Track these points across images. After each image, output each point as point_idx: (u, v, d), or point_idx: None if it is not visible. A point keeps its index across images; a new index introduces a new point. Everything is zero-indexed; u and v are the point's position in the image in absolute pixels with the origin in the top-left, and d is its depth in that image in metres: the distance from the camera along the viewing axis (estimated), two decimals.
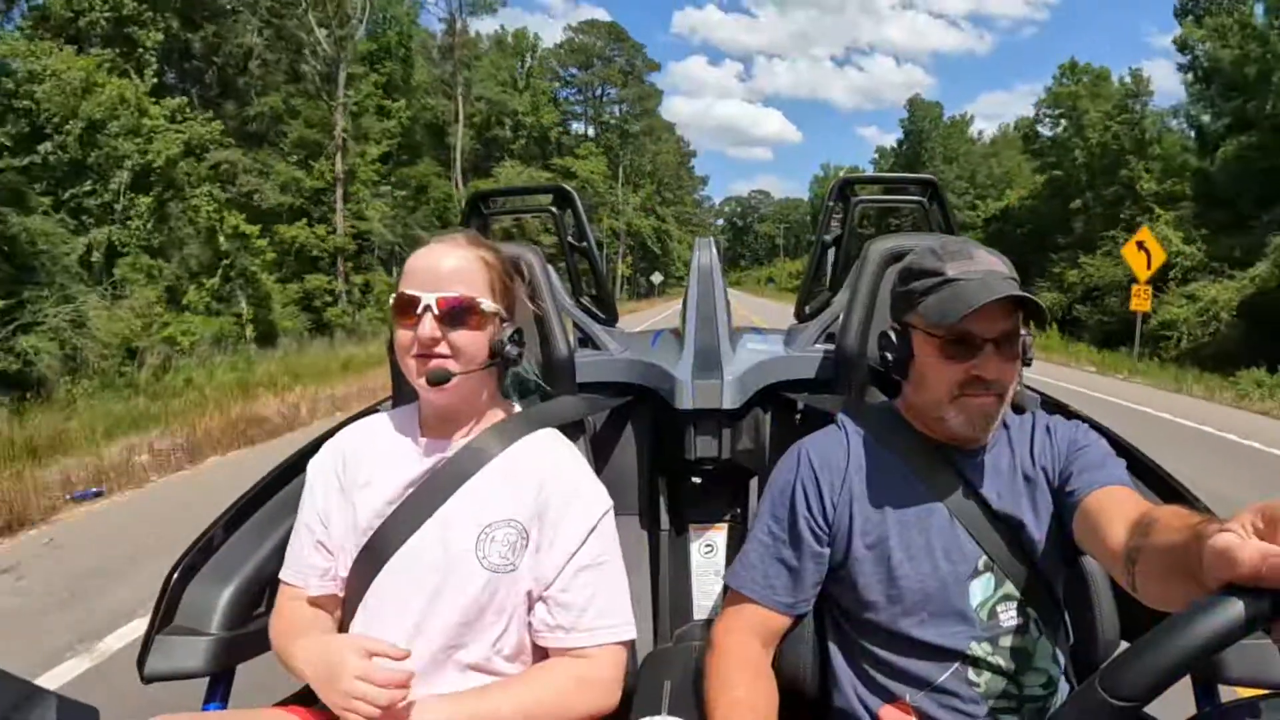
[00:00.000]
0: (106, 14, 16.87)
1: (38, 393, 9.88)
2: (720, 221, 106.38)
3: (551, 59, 46.36)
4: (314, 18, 21.20)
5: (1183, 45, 23.16)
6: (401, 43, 25.31)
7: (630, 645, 1.18)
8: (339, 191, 21.57)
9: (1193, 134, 23.35)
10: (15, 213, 12.31)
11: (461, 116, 32.52)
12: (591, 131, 49.59)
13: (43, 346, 11.25)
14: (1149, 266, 12.91)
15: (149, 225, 15.23)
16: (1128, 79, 27.26)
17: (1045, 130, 29.79)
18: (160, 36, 17.86)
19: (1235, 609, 0.57)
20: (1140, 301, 14.67)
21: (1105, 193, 25.09)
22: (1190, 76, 23.02)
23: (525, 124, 39.48)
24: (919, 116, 59.11)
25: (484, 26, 34.98)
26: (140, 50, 17.23)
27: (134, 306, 13.71)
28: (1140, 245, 13.09)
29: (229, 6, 19.55)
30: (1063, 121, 28.96)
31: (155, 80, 16.86)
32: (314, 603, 1.17)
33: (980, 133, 55.41)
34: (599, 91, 50.37)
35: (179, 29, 18.78)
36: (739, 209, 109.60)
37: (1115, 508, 0.98)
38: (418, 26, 29.15)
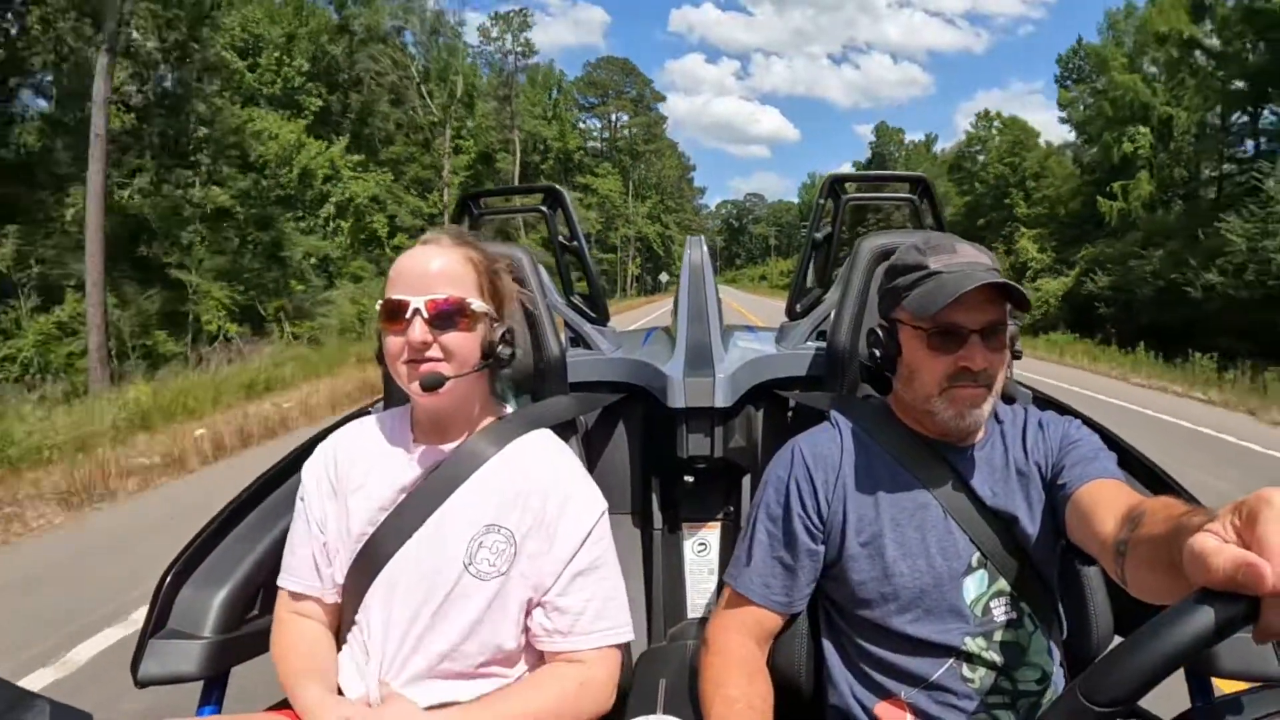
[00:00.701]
0: (280, 87, 21.99)
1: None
2: (717, 223, 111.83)
3: (574, 90, 49.46)
4: (429, 92, 27.37)
5: (1061, 104, 28.80)
6: (468, 92, 29.95)
7: (626, 646, 1.06)
8: (445, 216, 26.01)
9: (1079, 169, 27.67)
10: (282, 230, 18.44)
11: (519, 153, 36.16)
12: (605, 148, 52.58)
13: (345, 310, 17.34)
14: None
15: (348, 240, 21.60)
16: (1031, 123, 32.96)
17: (966, 164, 35.45)
18: (320, 103, 22.94)
19: (1211, 614, 0.53)
20: None
21: (995, 215, 30.87)
22: (1068, 127, 29.01)
23: (553, 149, 42.01)
24: (884, 141, 63.95)
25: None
26: (305, 112, 22.11)
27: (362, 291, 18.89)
28: None
29: (362, 79, 24.78)
30: (979, 158, 34.73)
31: (345, 144, 22.32)
32: (315, 613, 1.03)
33: (943, 149, 59.28)
34: (614, 119, 53.63)
35: (326, 95, 23.84)
36: (734, 211, 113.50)
37: (1106, 500, 0.89)
38: (478, 76, 34.56)
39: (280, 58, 21.80)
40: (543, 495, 0.99)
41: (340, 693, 0.98)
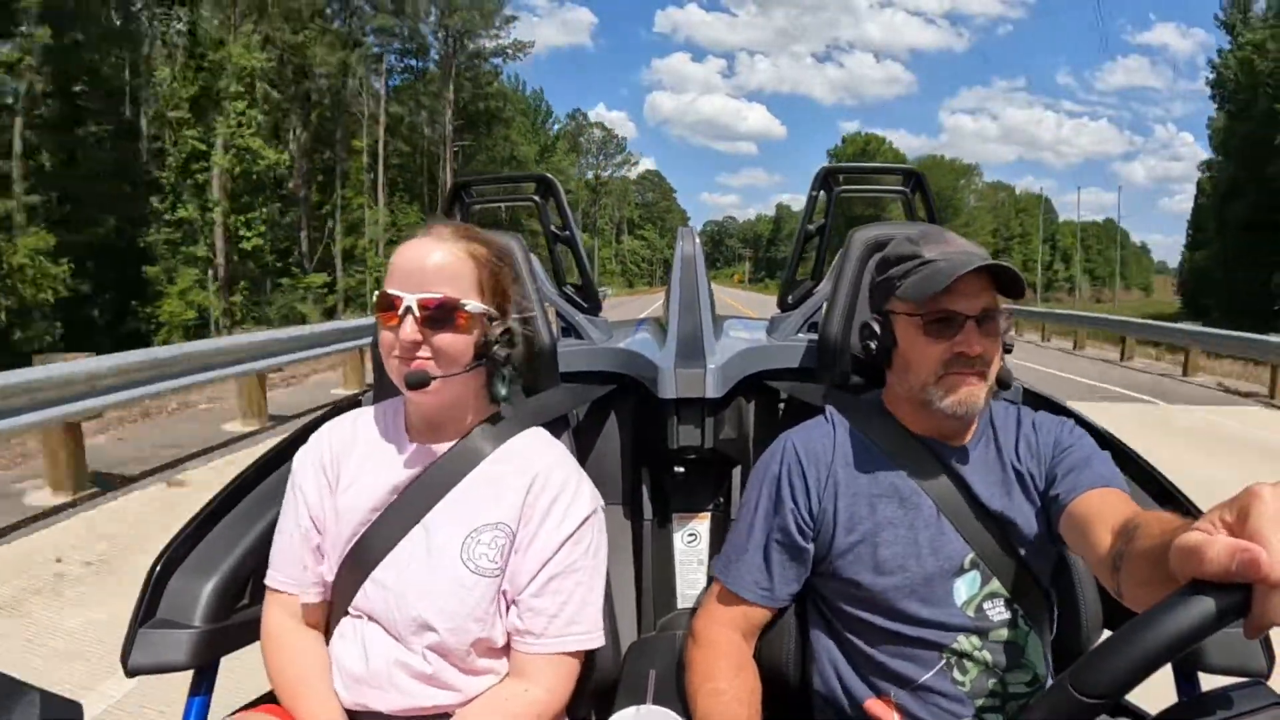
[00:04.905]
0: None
1: None
2: (704, 238, 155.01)
3: (633, 187, 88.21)
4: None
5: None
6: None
7: (614, 635, 1.07)
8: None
9: None
10: None
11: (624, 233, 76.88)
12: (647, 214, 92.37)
13: None
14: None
15: None
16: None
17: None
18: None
19: (1205, 606, 0.52)
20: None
21: None
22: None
23: (624, 216, 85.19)
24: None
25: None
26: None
27: None
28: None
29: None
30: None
31: None
32: (307, 614, 0.99)
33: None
34: (651, 201, 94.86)
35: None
36: (715, 229, 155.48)
37: (1101, 513, 0.86)
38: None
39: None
40: (534, 494, 0.96)
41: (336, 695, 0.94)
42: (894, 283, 1.02)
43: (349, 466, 1.00)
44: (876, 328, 1.04)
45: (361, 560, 0.96)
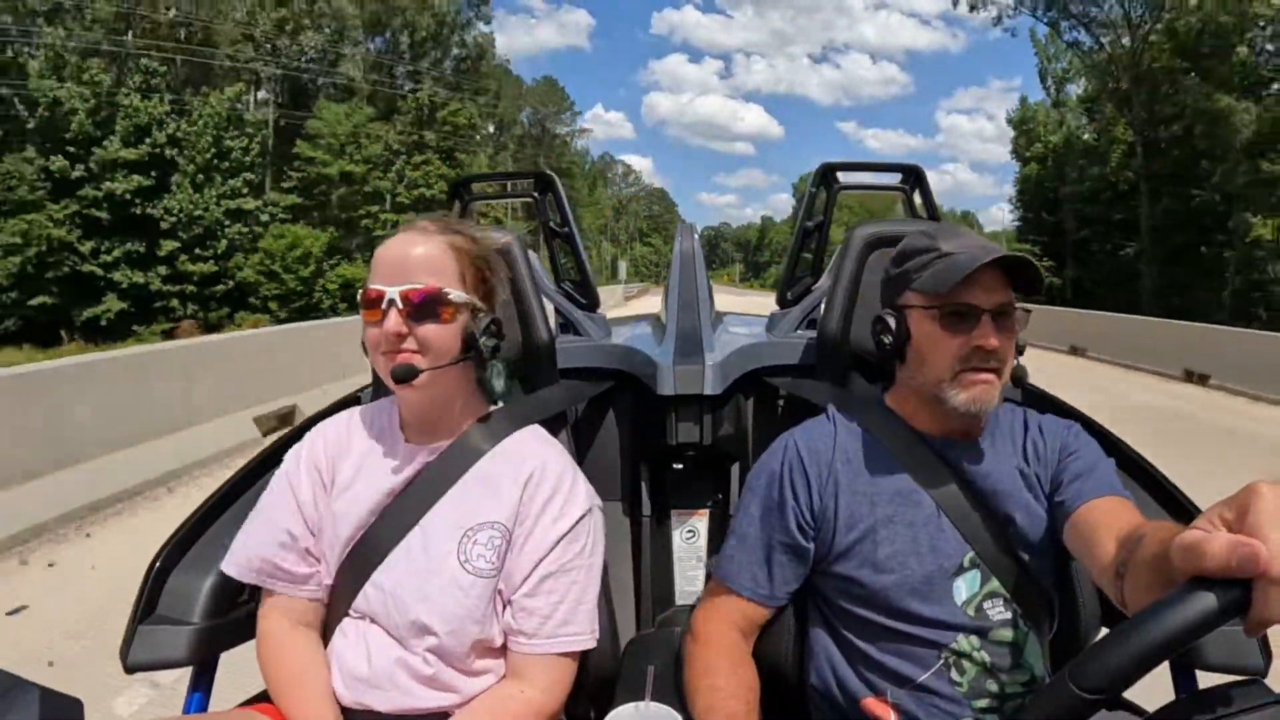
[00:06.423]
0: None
1: None
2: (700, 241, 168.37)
3: (640, 202, 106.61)
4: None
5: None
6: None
7: (613, 632, 1.06)
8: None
9: None
10: None
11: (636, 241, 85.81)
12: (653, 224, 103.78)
13: None
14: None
15: None
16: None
17: None
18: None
19: (1205, 601, 0.52)
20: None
21: None
22: None
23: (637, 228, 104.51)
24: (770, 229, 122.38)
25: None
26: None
27: None
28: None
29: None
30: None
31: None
32: (302, 615, 0.97)
33: None
34: (654, 211, 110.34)
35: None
36: (712, 234, 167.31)
37: (1105, 521, 0.85)
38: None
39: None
40: (529, 493, 0.95)
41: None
42: (910, 276, 0.99)
43: (344, 469, 0.98)
44: (891, 322, 1.01)
45: (360, 564, 0.94)
